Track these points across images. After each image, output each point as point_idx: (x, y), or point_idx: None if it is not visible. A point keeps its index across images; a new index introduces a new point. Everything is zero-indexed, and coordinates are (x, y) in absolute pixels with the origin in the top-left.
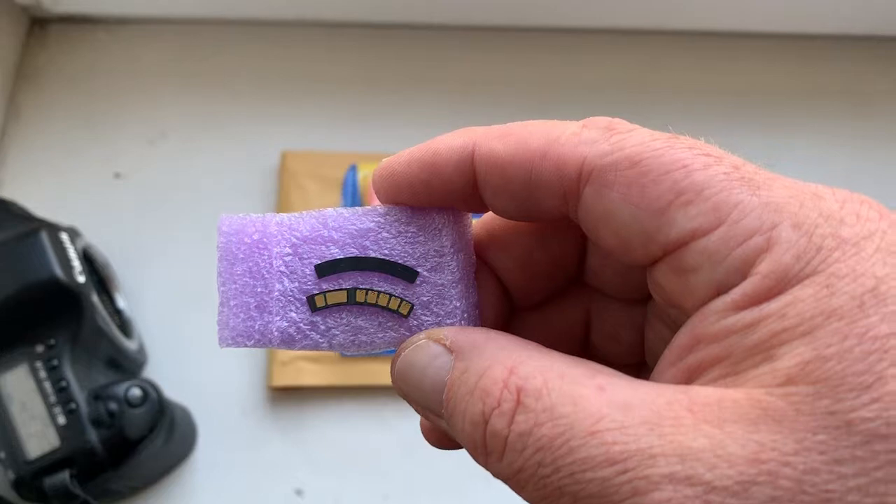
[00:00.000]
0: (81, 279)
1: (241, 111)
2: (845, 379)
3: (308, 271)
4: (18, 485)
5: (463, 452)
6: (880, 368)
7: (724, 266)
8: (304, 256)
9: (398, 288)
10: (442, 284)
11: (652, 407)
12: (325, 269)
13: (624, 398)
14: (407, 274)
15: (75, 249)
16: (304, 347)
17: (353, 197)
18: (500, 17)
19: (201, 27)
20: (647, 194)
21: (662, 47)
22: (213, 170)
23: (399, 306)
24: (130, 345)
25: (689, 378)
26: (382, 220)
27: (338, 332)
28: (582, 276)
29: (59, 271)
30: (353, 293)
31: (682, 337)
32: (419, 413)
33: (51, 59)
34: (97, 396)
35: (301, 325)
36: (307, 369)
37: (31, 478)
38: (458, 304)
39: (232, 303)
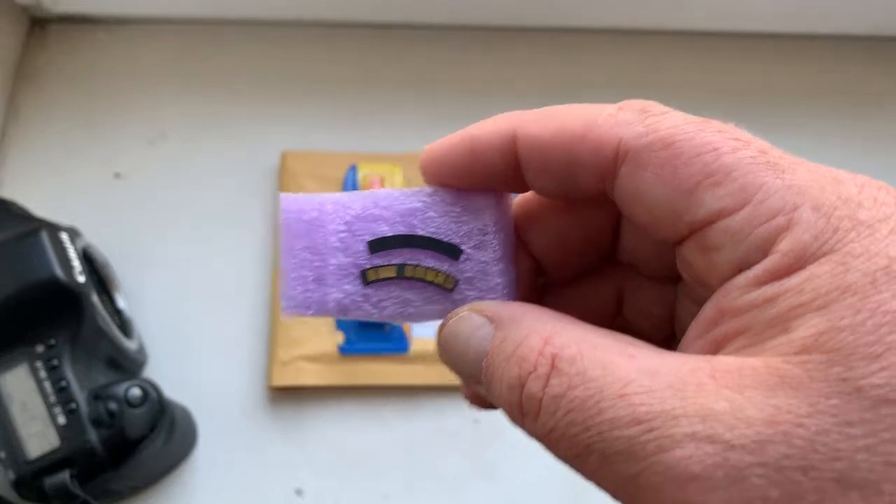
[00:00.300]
0: (81, 279)
1: (241, 111)
2: (857, 349)
3: (361, 247)
4: (19, 485)
5: (461, 453)
6: (890, 340)
7: (746, 244)
8: (357, 233)
9: (444, 264)
10: (484, 261)
11: (677, 374)
12: (377, 246)
13: (651, 365)
14: (452, 251)
15: (75, 249)
16: (357, 317)
17: None
18: (500, 18)
19: (201, 27)
20: (679, 175)
21: (663, 47)
22: (213, 170)
23: (444, 281)
24: (130, 345)
25: (714, 349)
26: (429, 200)
27: (388, 304)
28: (615, 255)
29: (59, 271)
30: (402, 268)
31: (707, 311)
32: (461, 379)
33: (51, 59)
34: (97, 396)
35: (355, 297)
36: (307, 369)
37: (31, 478)
38: (499, 280)
39: (292, 275)
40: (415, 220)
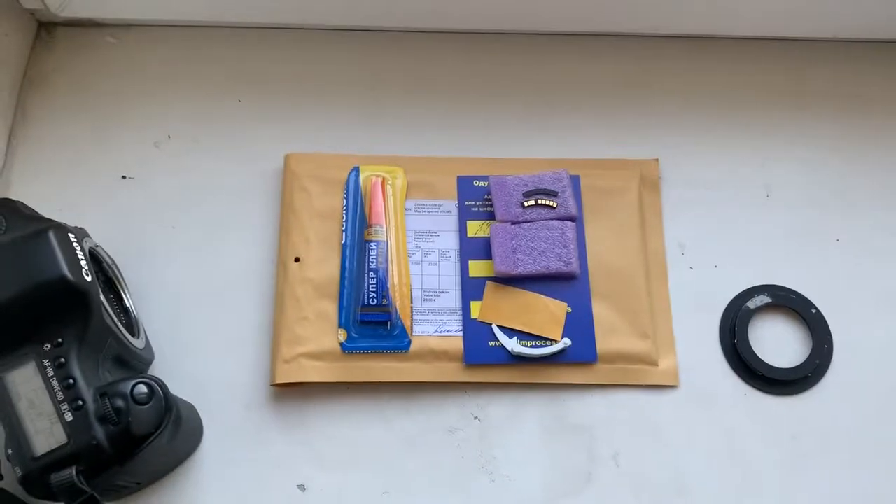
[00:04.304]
0: (89, 278)
1: (246, 114)
2: None
3: (521, 196)
4: (26, 480)
5: (461, 449)
6: None
7: None
8: (520, 189)
9: (551, 200)
10: (566, 196)
11: None
12: (527, 194)
13: None
14: (554, 193)
15: (83, 249)
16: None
17: (355, 198)
18: (500, 23)
19: (206, 31)
20: None
21: (660, 51)
22: (217, 171)
23: (554, 203)
24: (137, 343)
25: None
26: (541, 174)
27: (532, 212)
28: None
29: (67, 271)
30: (537, 200)
31: None
32: None
33: (58, 63)
34: (104, 394)
35: (521, 212)
36: (309, 366)
37: (38, 474)
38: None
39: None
40: (539, 183)
